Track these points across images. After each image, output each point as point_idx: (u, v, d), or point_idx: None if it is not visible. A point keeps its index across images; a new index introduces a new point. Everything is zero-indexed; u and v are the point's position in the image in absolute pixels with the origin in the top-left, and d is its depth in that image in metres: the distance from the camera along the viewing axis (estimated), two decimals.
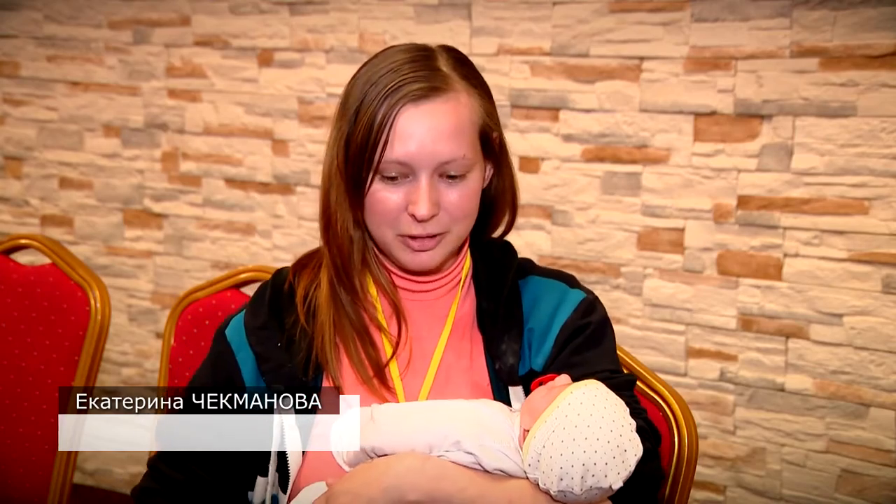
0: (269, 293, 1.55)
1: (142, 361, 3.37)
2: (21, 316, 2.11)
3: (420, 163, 1.42)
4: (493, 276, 1.54)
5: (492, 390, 1.49)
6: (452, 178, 1.44)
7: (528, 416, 1.38)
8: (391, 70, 1.43)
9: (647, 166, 2.63)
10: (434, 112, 1.42)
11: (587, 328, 1.50)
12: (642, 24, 2.59)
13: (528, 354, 1.50)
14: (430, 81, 1.42)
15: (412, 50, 1.47)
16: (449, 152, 1.42)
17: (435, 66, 1.45)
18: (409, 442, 1.37)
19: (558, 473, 1.31)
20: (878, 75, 2.36)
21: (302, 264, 1.57)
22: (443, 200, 1.44)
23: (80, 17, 3.30)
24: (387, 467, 1.35)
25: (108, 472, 3.48)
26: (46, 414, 2.07)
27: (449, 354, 1.51)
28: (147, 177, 3.29)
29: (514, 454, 1.37)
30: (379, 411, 1.41)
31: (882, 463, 2.43)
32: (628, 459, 1.31)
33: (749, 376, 2.57)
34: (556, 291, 1.53)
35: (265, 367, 1.49)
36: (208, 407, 1.50)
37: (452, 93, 1.44)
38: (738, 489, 2.61)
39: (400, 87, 1.41)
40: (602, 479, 1.30)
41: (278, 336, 1.51)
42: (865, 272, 2.42)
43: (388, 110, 1.41)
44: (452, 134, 1.42)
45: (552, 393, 1.37)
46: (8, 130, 3.46)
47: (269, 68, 3.07)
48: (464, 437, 1.36)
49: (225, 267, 3.16)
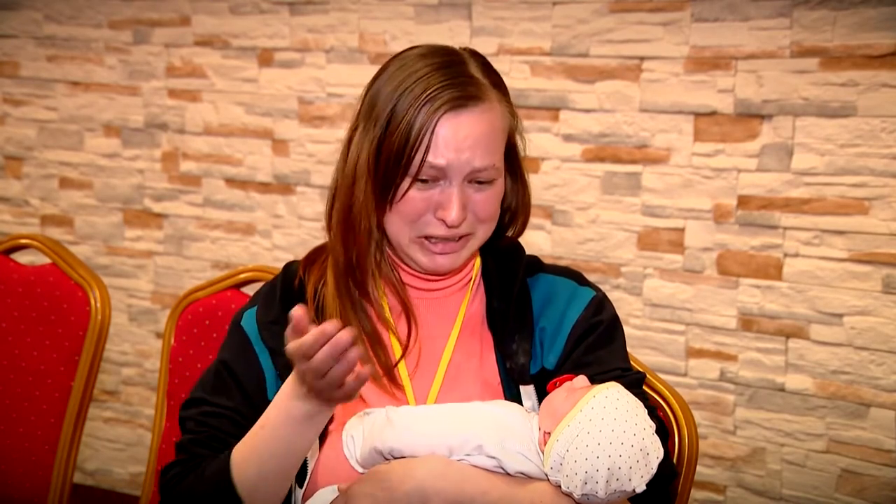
0: (280, 288, 1.55)
1: (142, 361, 3.37)
2: (21, 316, 2.11)
3: (455, 170, 1.43)
4: (503, 276, 1.54)
5: (502, 389, 1.49)
6: (481, 183, 1.45)
7: (548, 419, 1.37)
8: (426, 76, 1.43)
9: (647, 166, 2.63)
10: (472, 121, 1.43)
11: (599, 326, 1.51)
12: (642, 24, 2.59)
13: (539, 353, 1.50)
14: (467, 89, 1.43)
15: (441, 54, 1.47)
16: (483, 160, 1.43)
17: (469, 73, 1.45)
18: (429, 445, 1.36)
19: (583, 477, 1.31)
20: (878, 75, 2.36)
21: (311, 259, 1.56)
22: (470, 204, 1.45)
23: (81, 17, 3.30)
24: (409, 470, 1.34)
25: (108, 472, 3.49)
26: (46, 414, 2.07)
27: (458, 353, 1.51)
28: (147, 177, 3.29)
29: (534, 456, 1.37)
30: (396, 413, 1.40)
31: (882, 463, 2.43)
32: (651, 462, 1.32)
33: (749, 376, 2.57)
34: (566, 289, 1.54)
35: (279, 361, 1.48)
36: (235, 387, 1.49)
37: (488, 102, 1.45)
38: (738, 489, 2.61)
39: (438, 93, 1.42)
40: (626, 482, 1.31)
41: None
42: (865, 272, 2.42)
43: (427, 117, 1.41)
44: (488, 143, 1.44)
45: (573, 395, 1.37)
46: (8, 130, 3.46)
47: (270, 68, 3.07)
48: (486, 440, 1.35)
49: (225, 267, 3.16)
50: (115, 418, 3.44)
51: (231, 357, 1.52)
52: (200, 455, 1.45)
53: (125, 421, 3.43)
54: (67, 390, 2.06)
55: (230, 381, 1.50)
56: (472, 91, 1.44)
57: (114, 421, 3.45)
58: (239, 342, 1.53)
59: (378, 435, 1.39)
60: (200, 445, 1.47)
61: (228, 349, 1.54)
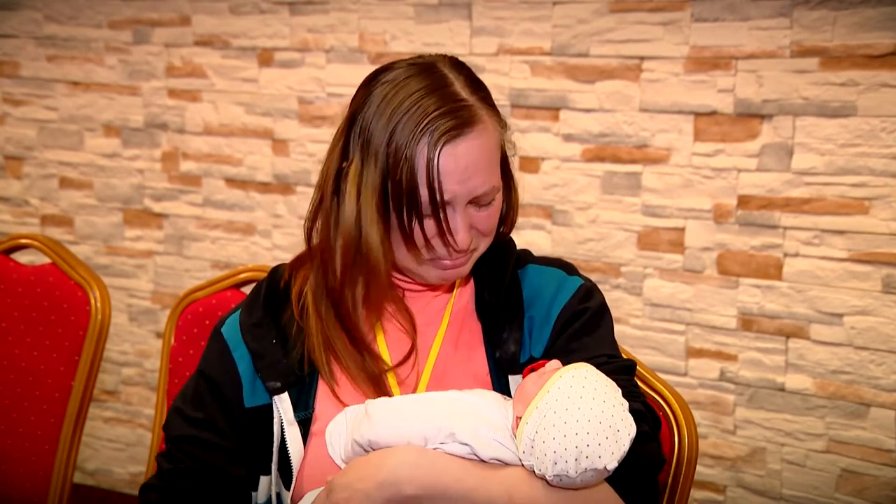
0: (264, 290, 1.55)
1: (142, 361, 3.37)
2: (21, 316, 2.11)
3: (459, 200, 1.42)
4: (494, 268, 1.55)
5: (491, 380, 1.49)
6: (482, 205, 1.45)
7: (520, 404, 1.38)
8: (416, 104, 1.41)
9: (647, 166, 2.63)
10: (470, 148, 1.41)
11: (585, 313, 1.51)
12: (642, 23, 2.59)
13: (528, 343, 1.50)
14: (460, 115, 1.41)
15: (426, 75, 1.44)
16: (485, 186, 1.43)
17: (459, 97, 1.43)
18: (404, 435, 1.37)
19: (552, 458, 1.30)
20: (879, 75, 2.36)
21: (300, 261, 1.57)
22: (475, 222, 1.45)
23: (81, 17, 3.30)
24: (382, 461, 1.35)
25: (108, 472, 3.49)
26: (46, 414, 2.07)
27: (446, 347, 1.52)
28: (147, 177, 3.29)
29: (509, 443, 1.37)
30: (373, 405, 1.41)
31: (882, 463, 2.43)
32: (622, 439, 1.31)
33: (749, 376, 2.57)
34: (554, 279, 1.54)
35: (260, 363, 1.49)
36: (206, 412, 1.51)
37: (481, 123, 1.43)
38: (738, 489, 2.61)
39: (433, 125, 1.39)
40: (596, 459, 1.29)
41: (273, 333, 1.51)
42: (865, 272, 2.42)
43: (428, 152, 1.39)
44: (487, 166, 1.43)
45: (542, 378, 1.37)
46: (8, 130, 3.46)
47: (270, 68, 3.07)
48: (458, 428, 1.36)
49: (225, 267, 3.16)
50: (115, 418, 3.44)
51: (209, 368, 1.53)
52: (179, 488, 1.48)
53: (125, 421, 3.43)
54: (67, 390, 2.06)
55: (208, 398, 1.51)
56: (465, 116, 1.41)
57: (114, 421, 3.45)
58: (218, 351, 1.54)
59: (357, 428, 1.40)
60: (179, 478, 1.49)
61: (206, 359, 1.55)
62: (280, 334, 1.51)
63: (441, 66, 1.46)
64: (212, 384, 1.51)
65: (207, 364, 1.54)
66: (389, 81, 1.44)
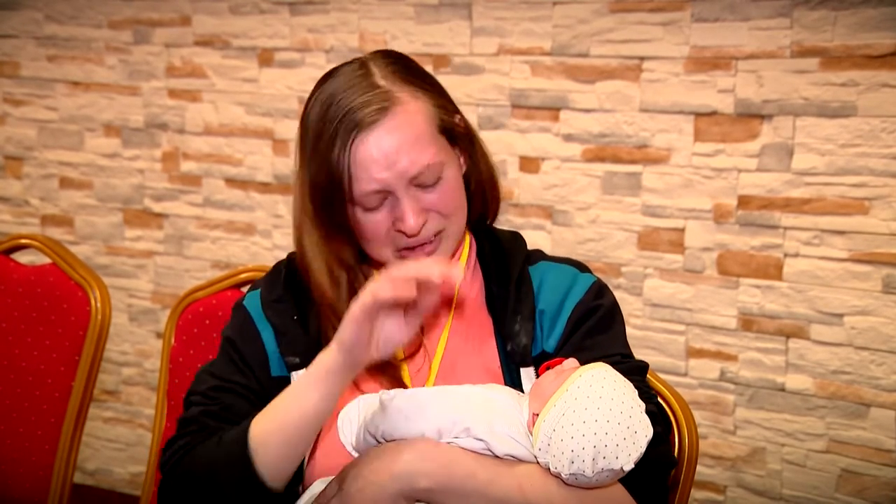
0: (284, 270, 1.56)
1: (142, 361, 3.37)
2: (21, 316, 2.11)
3: (392, 184, 1.42)
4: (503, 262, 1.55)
5: (502, 373, 1.49)
6: (427, 185, 1.44)
7: (537, 401, 1.38)
8: (334, 103, 1.43)
9: (647, 166, 2.63)
10: (388, 131, 1.41)
11: (599, 310, 1.51)
12: (642, 24, 2.59)
13: (539, 336, 1.50)
14: (373, 104, 1.41)
15: (349, 73, 1.46)
16: (416, 166, 1.42)
17: (374, 84, 1.43)
18: (419, 428, 1.37)
19: (569, 456, 1.31)
20: (879, 75, 2.36)
21: None
22: (427, 204, 1.44)
23: (81, 17, 3.30)
24: (397, 453, 1.35)
25: (108, 472, 3.49)
26: (46, 414, 2.07)
27: (455, 338, 1.52)
28: (147, 177, 3.29)
29: (524, 439, 1.37)
30: (388, 397, 1.41)
31: (882, 463, 2.43)
32: (639, 441, 1.32)
33: (749, 376, 2.57)
34: (566, 275, 1.54)
35: (281, 338, 1.50)
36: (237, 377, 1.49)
37: (398, 106, 1.42)
38: (738, 489, 2.61)
39: (346, 118, 1.41)
40: (613, 460, 1.30)
41: (293, 310, 1.52)
42: (865, 272, 2.42)
43: (341, 146, 1.40)
44: (412, 146, 1.42)
45: (561, 377, 1.38)
46: (8, 130, 3.46)
47: (270, 68, 3.07)
48: (474, 423, 1.36)
49: (225, 267, 3.16)
50: (115, 418, 3.44)
51: (235, 334, 1.53)
52: (211, 428, 1.44)
53: (125, 421, 3.43)
54: (67, 390, 2.06)
55: (236, 357, 1.51)
56: (377, 102, 1.41)
57: (114, 421, 3.45)
58: (242, 320, 1.54)
59: (370, 419, 1.40)
60: (212, 417, 1.46)
61: (232, 328, 1.55)
62: (301, 313, 1.52)
63: (368, 61, 1.48)
64: (238, 350, 1.51)
65: (233, 331, 1.54)
66: (320, 85, 1.48)
